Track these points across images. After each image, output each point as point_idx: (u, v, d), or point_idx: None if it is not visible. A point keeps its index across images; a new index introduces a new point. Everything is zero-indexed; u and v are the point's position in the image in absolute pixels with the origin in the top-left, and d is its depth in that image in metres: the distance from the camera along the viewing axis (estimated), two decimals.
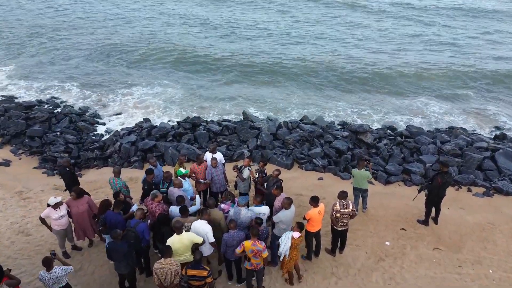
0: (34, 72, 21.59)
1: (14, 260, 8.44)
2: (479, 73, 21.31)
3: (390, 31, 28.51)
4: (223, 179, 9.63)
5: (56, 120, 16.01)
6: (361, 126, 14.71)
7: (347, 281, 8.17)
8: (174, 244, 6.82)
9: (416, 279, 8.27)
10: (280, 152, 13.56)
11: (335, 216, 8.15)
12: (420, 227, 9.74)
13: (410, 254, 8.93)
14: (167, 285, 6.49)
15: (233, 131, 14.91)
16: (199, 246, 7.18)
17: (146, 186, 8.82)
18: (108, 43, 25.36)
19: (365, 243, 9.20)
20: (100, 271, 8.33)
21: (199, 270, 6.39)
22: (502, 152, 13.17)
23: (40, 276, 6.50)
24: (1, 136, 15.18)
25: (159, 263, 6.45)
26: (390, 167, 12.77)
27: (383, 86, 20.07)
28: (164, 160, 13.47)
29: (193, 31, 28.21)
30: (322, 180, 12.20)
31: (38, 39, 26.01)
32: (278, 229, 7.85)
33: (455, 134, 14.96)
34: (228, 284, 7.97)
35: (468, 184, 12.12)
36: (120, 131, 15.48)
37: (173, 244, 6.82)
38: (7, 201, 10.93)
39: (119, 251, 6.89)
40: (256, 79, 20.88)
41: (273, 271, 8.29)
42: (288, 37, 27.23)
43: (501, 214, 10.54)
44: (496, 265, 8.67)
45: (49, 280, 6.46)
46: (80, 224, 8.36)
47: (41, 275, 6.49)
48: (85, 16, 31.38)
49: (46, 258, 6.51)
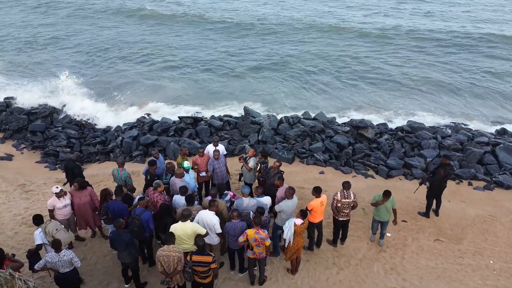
0: (34, 70, 21.66)
1: (17, 250, 8.46)
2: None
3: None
4: (225, 171, 9.68)
5: (58, 115, 16.06)
6: (362, 121, 14.76)
7: (348, 271, 8.21)
8: (177, 231, 6.87)
9: (417, 269, 8.31)
10: (282, 147, 13.60)
11: (336, 206, 8.19)
12: (421, 219, 9.78)
13: (411, 245, 8.97)
14: (171, 272, 6.55)
15: (235, 126, 14.96)
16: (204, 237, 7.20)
17: (148, 177, 8.88)
18: (109, 38, 25.40)
19: (366, 234, 9.23)
20: (103, 262, 8.39)
21: (204, 256, 6.45)
22: (502, 147, 13.21)
23: (49, 257, 6.54)
24: (3, 131, 15.26)
25: (162, 250, 6.50)
26: (391, 161, 12.80)
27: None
28: (166, 154, 13.50)
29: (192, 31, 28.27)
30: (323, 174, 12.25)
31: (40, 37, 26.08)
32: (280, 219, 7.89)
33: (456, 129, 15.01)
34: (230, 273, 8.02)
35: (469, 178, 12.15)
36: (122, 126, 15.54)
37: (175, 230, 6.87)
38: (10, 194, 10.97)
39: (122, 240, 6.93)
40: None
41: (275, 261, 8.34)
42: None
43: (501, 207, 10.59)
44: (497, 256, 8.72)
45: (57, 262, 6.53)
46: (82, 215, 8.41)
47: (49, 256, 6.54)
48: (87, 13, 31.43)
49: (55, 240, 6.60)
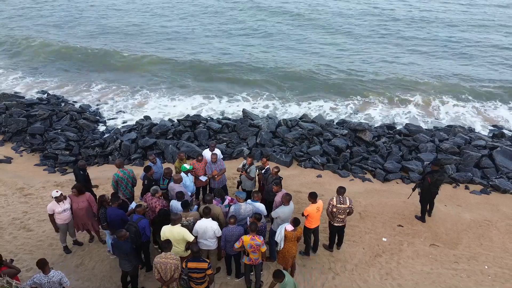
0: (35, 69, 21.71)
1: (15, 255, 8.53)
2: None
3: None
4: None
5: (57, 117, 16.11)
6: (360, 124, 14.82)
7: (344, 276, 8.27)
8: (165, 233, 7.05)
9: (413, 274, 8.37)
10: (280, 150, 13.66)
11: (331, 211, 8.23)
12: (417, 224, 9.84)
13: (407, 250, 9.03)
14: (167, 279, 6.60)
15: (233, 129, 15.03)
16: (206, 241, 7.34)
17: (146, 182, 8.93)
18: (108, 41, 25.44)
19: (362, 239, 9.30)
20: (100, 266, 8.43)
21: (200, 263, 6.51)
22: (500, 150, 13.27)
23: (37, 278, 6.20)
24: (2, 134, 15.31)
25: (159, 257, 6.56)
26: (389, 165, 12.87)
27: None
28: (164, 157, 13.58)
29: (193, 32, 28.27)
30: (321, 177, 12.31)
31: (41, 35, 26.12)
32: (276, 224, 7.94)
33: (454, 132, 15.07)
34: (227, 278, 8.07)
35: (466, 182, 12.22)
36: (121, 129, 15.60)
37: (164, 233, 7.06)
38: (8, 197, 11.03)
39: (122, 249, 6.95)
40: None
41: (271, 266, 8.39)
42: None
43: (497, 211, 10.65)
44: (492, 261, 8.77)
45: (45, 284, 6.24)
46: (80, 219, 8.46)
47: (37, 278, 6.21)
48: (88, 14, 31.45)
49: (41, 260, 6.26)
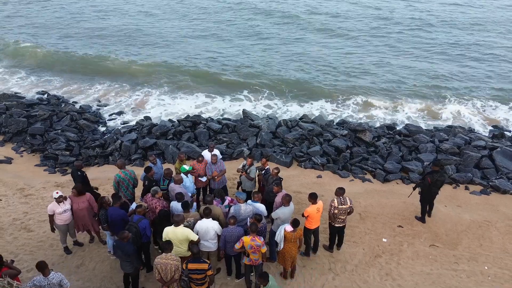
0: (35, 70, 21.73)
1: (16, 256, 8.54)
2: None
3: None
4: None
5: (57, 118, 16.12)
6: (360, 125, 14.83)
7: (344, 277, 8.28)
8: (168, 234, 7.03)
9: (413, 275, 8.39)
10: (280, 150, 13.67)
11: (333, 213, 8.25)
12: (417, 224, 9.85)
13: (407, 250, 9.05)
14: (168, 280, 6.62)
15: (233, 130, 15.05)
16: (205, 242, 7.33)
17: (146, 182, 8.94)
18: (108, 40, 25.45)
19: (362, 240, 9.32)
20: (101, 267, 8.45)
21: (200, 264, 6.53)
22: (499, 151, 13.28)
23: (37, 281, 6.17)
24: (2, 134, 15.32)
25: (160, 258, 6.57)
26: (389, 165, 12.88)
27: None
28: (165, 158, 13.59)
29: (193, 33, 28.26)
30: (321, 178, 12.32)
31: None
32: (276, 225, 7.96)
33: (454, 132, 15.08)
34: (227, 279, 8.09)
35: (466, 182, 12.23)
36: (121, 129, 15.61)
37: (167, 234, 7.03)
38: (9, 198, 11.05)
39: (125, 250, 6.95)
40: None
41: (271, 267, 8.41)
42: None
43: (497, 212, 10.67)
44: (492, 262, 8.79)
45: (45, 286, 6.20)
46: (80, 219, 8.47)
47: (37, 280, 6.18)
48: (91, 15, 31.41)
49: (40, 263, 6.23)
